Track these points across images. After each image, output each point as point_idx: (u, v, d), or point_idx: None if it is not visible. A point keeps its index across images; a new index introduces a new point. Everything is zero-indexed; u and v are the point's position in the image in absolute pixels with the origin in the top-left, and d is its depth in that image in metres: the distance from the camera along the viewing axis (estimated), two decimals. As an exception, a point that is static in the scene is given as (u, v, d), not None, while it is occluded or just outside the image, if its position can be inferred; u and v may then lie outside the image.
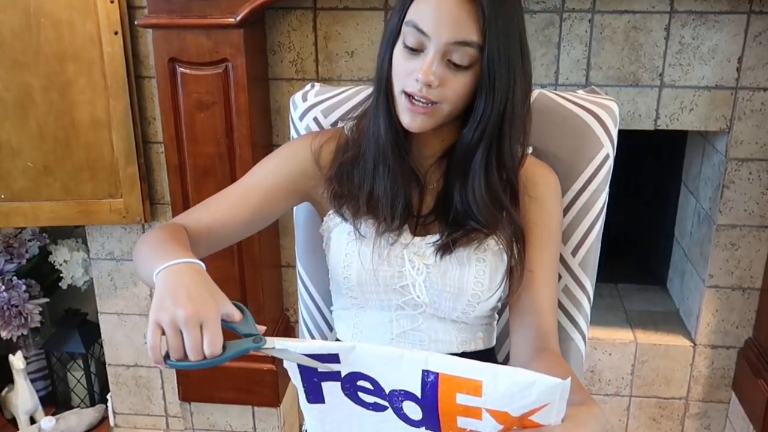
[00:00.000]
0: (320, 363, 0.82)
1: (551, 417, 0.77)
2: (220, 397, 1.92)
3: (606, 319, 2.08)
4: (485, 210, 1.02)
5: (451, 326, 1.10)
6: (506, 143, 1.00)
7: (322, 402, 0.86)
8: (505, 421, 0.78)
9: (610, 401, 2.03)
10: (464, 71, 0.95)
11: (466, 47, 0.93)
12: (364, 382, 0.83)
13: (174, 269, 0.84)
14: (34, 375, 2.28)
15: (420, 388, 0.79)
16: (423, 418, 0.81)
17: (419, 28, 0.94)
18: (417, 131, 1.00)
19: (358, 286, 1.07)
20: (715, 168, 1.85)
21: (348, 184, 1.07)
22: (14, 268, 2.15)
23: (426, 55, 0.94)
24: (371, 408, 0.84)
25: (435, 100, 0.96)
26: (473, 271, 1.04)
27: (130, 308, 2.12)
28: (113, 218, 1.92)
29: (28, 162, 1.86)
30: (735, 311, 1.91)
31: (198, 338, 0.78)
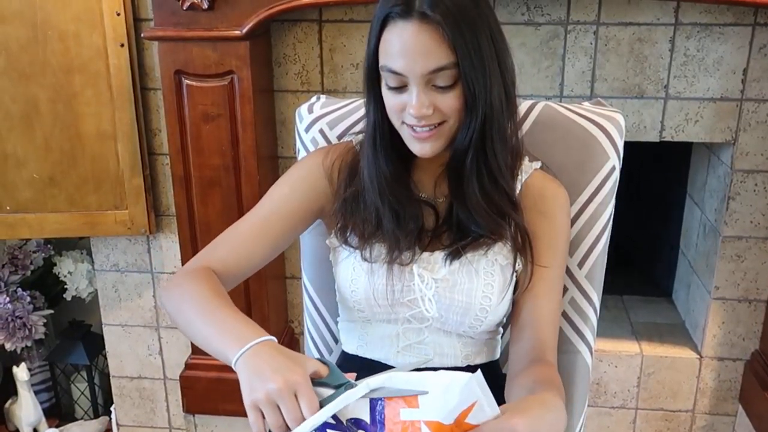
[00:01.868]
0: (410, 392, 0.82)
1: (485, 414, 0.79)
2: (225, 409, 1.91)
3: (611, 331, 2.07)
4: (485, 217, 1.02)
5: (456, 340, 1.09)
6: (490, 146, 0.99)
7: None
8: (442, 429, 0.80)
9: (616, 414, 2.02)
10: (451, 89, 0.95)
11: (443, 71, 0.93)
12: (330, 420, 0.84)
13: (251, 352, 0.85)
14: (38, 387, 2.27)
15: (368, 413, 0.82)
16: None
17: (393, 71, 0.94)
18: (430, 156, 1.01)
19: (365, 300, 1.07)
20: (720, 179, 1.85)
21: (352, 218, 1.07)
22: (19, 279, 2.16)
23: (411, 92, 0.95)
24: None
25: (437, 121, 0.97)
26: (481, 285, 1.04)
27: (134, 320, 2.11)
28: (118, 230, 1.92)
29: (33, 173, 1.86)
30: (741, 323, 1.90)
31: (295, 406, 0.80)
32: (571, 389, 1.23)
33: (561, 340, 1.14)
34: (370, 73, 0.99)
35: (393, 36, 0.93)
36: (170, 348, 2.12)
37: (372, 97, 1.02)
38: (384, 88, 0.99)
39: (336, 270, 1.11)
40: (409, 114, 0.96)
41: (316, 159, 1.12)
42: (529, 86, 1.74)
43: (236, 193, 1.74)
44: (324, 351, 1.33)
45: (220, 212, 1.76)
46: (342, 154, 1.11)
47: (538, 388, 0.94)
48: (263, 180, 1.76)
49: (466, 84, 0.94)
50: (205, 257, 1.05)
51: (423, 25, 0.91)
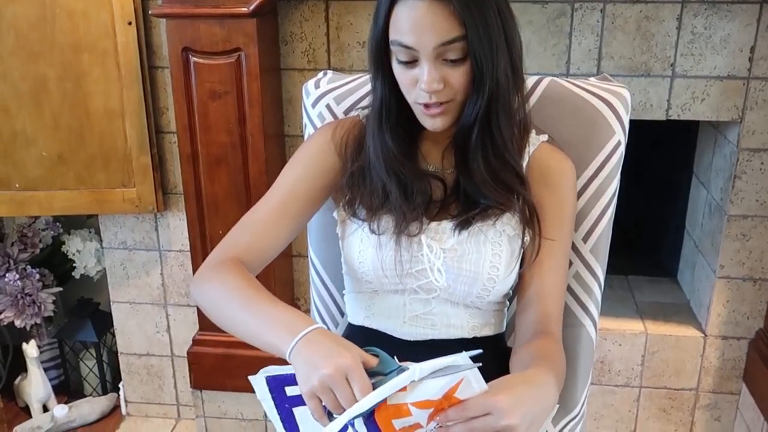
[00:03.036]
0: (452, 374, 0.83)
1: (473, 389, 0.82)
2: (232, 385, 1.93)
3: (616, 310, 2.08)
4: (492, 190, 1.03)
5: (463, 311, 1.11)
6: (495, 122, 1.00)
7: (298, 430, 0.91)
8: (431, 405, 0.82)
9: (620, 392, 2.03)
10: (462, 62, 0.96)
11: (453, 44, 0.94)
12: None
13: (303, 342, 0.87)
14: (47, 364, 2.30)
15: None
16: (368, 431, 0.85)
17: (405, 45, 0.96)
18: (441, 130, 1.02)
19: (373, 271, 1.08)
20: (726, 159, 1.85)
21: (360, 191, 1.08)
22: (28, 257, 2.17)
23: (422, 66, 0.96)
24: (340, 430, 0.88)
25: (446, 99, 0.99)
26: (489, 255, 1.05)
27: (142, 297, 2.13)
28: (126, 207, 1.94)
29: (42, 151, 1.88)
30: (746, 302, 1.91)
31: (348, 390, 0.82)
32: (575, 363, 1.24)
33: (565, 314, 1.15)
34: (378, 48, 1.00)
35: (404, 12, 0.94)
36: (178, 325, 2.14)
37: (380, 72, 1.02)
38: (394, 62, 1.00)
39: (344, 243, 1.12)
40: (421, 89, 0.97)
41: (325, 135, 1.13)
42: (536, 64, 1.74)
43: (243, 171, 1.75)
44: (330, 324, 1.34)
45: (227, 190, 1.77)
46: (349, 128, 1.12)
47: (534, 362, 0.96)
48: (270, 158, 1.77)
49: (474, 58, 0.95)
50: (229, 247, 1.06)
51: (434, 1, 0.92)
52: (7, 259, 2.15)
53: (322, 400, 0.84)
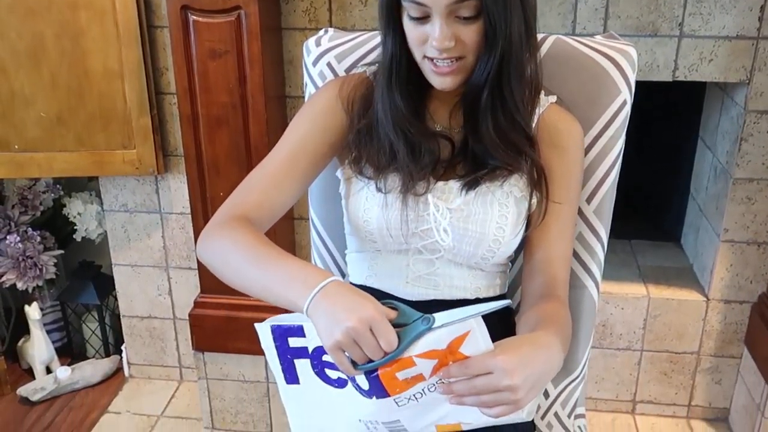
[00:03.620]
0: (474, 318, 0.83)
1: (479, 347, 0.82)
2: (234, 347, 1.93)
3: (619, 274, 2.08)
4: (500, 152, 1.02)
5: (467, 272, 1.10)
6: (506, 83, 0.98)
7: (297, 383, 0.92)
8: (436, 355, 0.83)
9: (621, 355, 2.04)
10: (474, 20, 0.94)
11: (467, 1, 0.92)
12: (327, 356, 0.86)
13: (321, 295, 0.85)
14: (50, 326, 2.31)
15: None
16: (370, 387, 0.85)
17: (417, 1, 0.93)
18: (450, 89, 1.01)
19: (378, 230, 1.07)
20: (733, 121, 1.82)
21: (366, 149, 1.06)
22: (29, 220, 2.17)
23: (433, 23, 0.94)
24: (336, 385, 0.89)
25: (457, 55, 0.96)
26: (495, 216, 1.04)
27: (143, 260, 2.13)
28: (126, 169, 1.93)
29: (41, 112, 1.86)
30: (749, 266, 1.90)
31: (373, 341, 0.82)
32: (577, 324, 1.23)
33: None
34: (389, 3, 0.98)
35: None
36: (179, 288, 2.14)
37: (390, 28, 1.00)
38: (405, 19, 0.98)
39: (348, 201, 1.11)
40: (432, 46, 0.95)
41: (332, 91, 1.10)
42: (541, 23, 1.71)
43: (244, 132, 1.73)
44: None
45: (228, 151, 1.76)
46: (356, 84, 1.10)
47: (540, 325, 0.96)
48: (271, 119, 1.75)
49: (487, 16, 0.93)
50: (236, 205, 1.04)
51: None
52: (8, 221, 2.15)
53: (348, 353, 0.83)
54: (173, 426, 2.09)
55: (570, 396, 1.24)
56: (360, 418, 0.91)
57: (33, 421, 2.09)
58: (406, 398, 0.85)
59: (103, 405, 2.17)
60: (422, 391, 0.85)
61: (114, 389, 2.24)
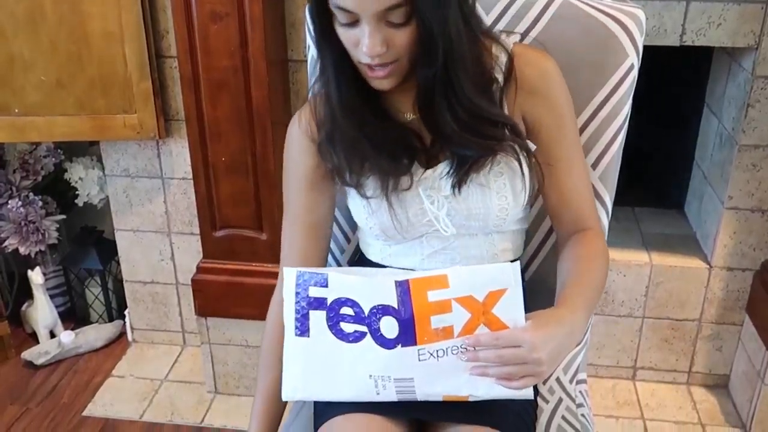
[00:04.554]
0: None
1: (513, 310, 0.87)
2: (236, 312, 1.94)
3: (621, 241, 2.07)
4: (472, 144, 0.99)
5: (482, 239, 1.09)
6: (456, 79, 0.94)
7: (307, 335, 0.93)
8: (472, 307, 0.86)
9: (622, 322, 2.04)
10: (406, 25, 0.90)
11: (397, 9, 0.88)
12: (347, 309, 0.89)
13: None
14: (53, 291, 2.31)
15: (395, 298, 0.87)
16: (399, 333, 0.87)
17: (344, 8, 0.89)
18: (389, 89, 0.98)
19: (382, 232, 1.07)
20: (740, 87, 1.80)
21: (338, 158, 1.04)
22: (30, 184, 2.17)
23: (363, 28, 0.90)
24: (351, 340, 0.90)
25: (390, 60, 0.93)
26: (494, 189, 1.03)
27: (145, 225, 2.13)
28: (127, 134, 1.91)
29: (41, 76, 1.84)
30: (753, 233, 1.89)
31: None
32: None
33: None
34: (319, 9, 0.94)
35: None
36: (182, 253, 2.14)
37: (326, 35, 0.96)
38: (336, 24, 0.93)
39: (349, 206, 1.12)
40: (362, 52, 0.92)
41: (293, 132, 1.09)
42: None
43: (245, 96, 1.72)
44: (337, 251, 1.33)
45: (229, 115, 1.74)
46: (310, 112, 1.07)
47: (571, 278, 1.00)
48: (273, 83, 1.73)
49: (421, 21, 0.89)
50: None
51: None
52: (9, 186, 2.14)
53: None
54: (176, 390, 2.11)
55: (572, 362, 1.24)
56: (371, 374, 0.91)
57: (38, 385, 2.11)
58: (428, 352, 0.87)
59: (106, 369, 2.18)
60: (445, 349, 0.87)
61: (117, 354, 2.25)
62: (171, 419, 2.00)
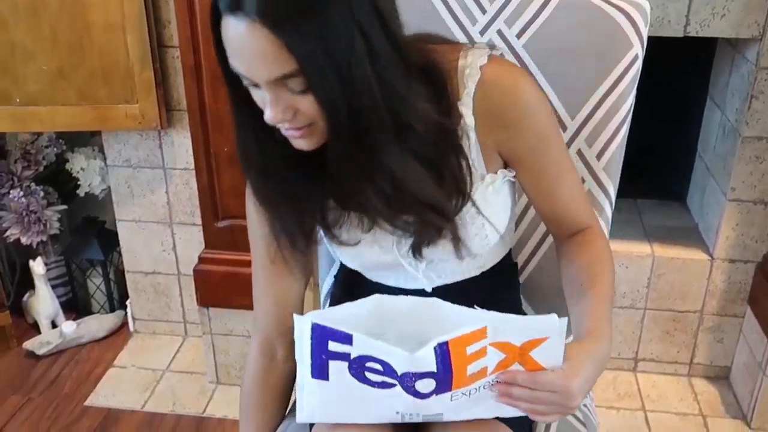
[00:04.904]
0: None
1: (552, 357, 0.80)
2: (238, 302, 1.94)
3: (624, 233, 2.07)
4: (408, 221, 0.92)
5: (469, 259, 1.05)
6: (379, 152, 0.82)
7: (326, 379, 0.84)
8: (508, 350, 0.80)
9: (624, 314, 2.04)
10: (307, 92, 0.79)
11: (290, 78, 0.77)
12: (374, 364, 0.81)
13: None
14: (55, 281, 2.31)
15: (435, 364, 0.79)
16: (435, 388, 0.81)
17: (239, 73, 0.79)
18: (310, 149, 0.87)
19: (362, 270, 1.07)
20: (743, 78, 1.80)
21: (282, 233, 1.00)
22: (32, 175, 2.16)
23: (264, 95, 0.80)
24: (378, 386, 0.83)
25: (302, 124, 0.83)
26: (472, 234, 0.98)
27: (147, 216, 2.13)
28: (129, 124, 1.91)
29: (42, 65, 1.83)
30: (755, 225, 1.89)
31: None
32: (584, 281, 1.23)
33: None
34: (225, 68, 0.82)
35: (227, 34, 0.77)
36: (183, 244, 2.14)
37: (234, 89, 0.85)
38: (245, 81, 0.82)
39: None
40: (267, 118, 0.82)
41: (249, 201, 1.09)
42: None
43: (248, 86, 1.71)
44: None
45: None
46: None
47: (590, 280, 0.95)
48: (275, 73, 1.73)
49: (316, 93, 0.77)
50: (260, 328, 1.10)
51: (255, 25, 0.73)
52: (11, 176, 2.14)
53: None
54: (178, 380, 2.11)
55: (575, 353, 1.24)
56: (398, 410, 0.86)
57: (40, 375, 2.11)
58: (461, 393, 0.82)
59: (108, 359, 2.19)
60: (478, 388, 0.82)
61: (119, 344, 2.25)
62: (173, 409, 2.00)
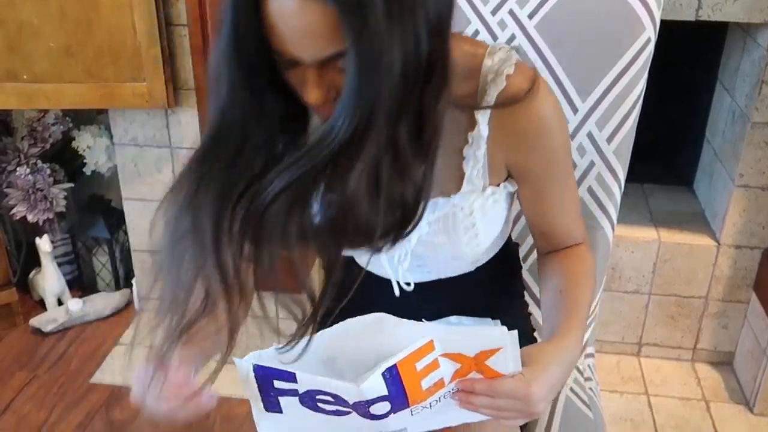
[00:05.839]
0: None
1: (508, 365, 0.78)
2: (244, 282, 1.94)
3: (630, 218, 2.07)
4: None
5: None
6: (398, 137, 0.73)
7: (280, 412, 0.83)
8: (461, 361, 0.78)
9: (629, 298, 2.05)
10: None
11: (340, 58, 0.70)
12: (325, 396, 0.80)
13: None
14: (61, 259, 2.32)
15: (386, 388, 0.78)
16: (391, 408, 0.80)
17: (278, 50, 0.72)
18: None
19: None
20: (754, 63, 1.79)
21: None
22: (38, 152, 2.16)
23: (305, 72, 0.74)
24: (332, 414, 0.82)
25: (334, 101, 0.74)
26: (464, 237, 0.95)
27: (154, 194, 2.12)
28: (136, 102, 1.90)
29: (49, 42, 1.83)
30: (763, 211, 1.89)
31: None
32: (591, 266, 1.23)
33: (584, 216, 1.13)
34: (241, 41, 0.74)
35: (272, 10, 0.70)
36: (190, 223, 2.14)
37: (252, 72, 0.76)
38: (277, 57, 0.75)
39: None
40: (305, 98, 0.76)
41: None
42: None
43: (256, 65, 1.70)
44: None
45: (239, 85, 1.73)
46: None
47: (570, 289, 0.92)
48: (283, 53, 1.72)
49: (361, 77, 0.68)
50: None
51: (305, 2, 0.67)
52: (18, 153, 2.14)
53: None
54: (184, 359, 2.12)
55: (581, 336, 1.25)
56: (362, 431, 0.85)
57: (46, 351, 2.13)
58: (421, 407, 0.81)
59: (114, 337, 2.20)
60: (438, 398, 0.81)
61: (126, 322, 2.26)
62: (178, 387, 2.01)
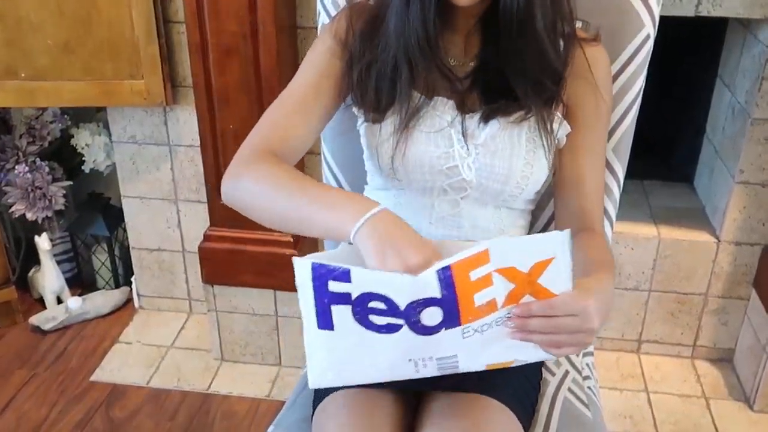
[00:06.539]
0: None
1: (560, 279, 0.79)
2: (243, 280, 1.94)
3: (630, 214, 2.06)
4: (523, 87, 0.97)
5: (492, 212, 1.07)
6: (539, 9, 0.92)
7: (331, 328, 0.82)
8: (515, 278, 0.79)
9: (628, 295, 2.04)
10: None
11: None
12: (377, 303, 0.80)
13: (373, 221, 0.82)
14: (60, 257, 2.32)
15: (438, 290, 0.78)
16: (443, 319, 0.80)
17: None
18: (468, 5, 0.93)
19: (402, 167, 1.02)
20: (755, 59, 1.78)
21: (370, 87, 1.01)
22: (37, 150, 2.16)
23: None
24: (383, 330, 0.82)
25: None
26: (523, 152, 1.01)
27: (152, 192, 2.12)
28: (134, 100, 1.90)
29: (48, 39, 1.82)
30: (763, 208, 1.88)
31: None
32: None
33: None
34: None
35: None
36: (188, 221, 2.14)
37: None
38: None
39: (367, 140, 1.07)
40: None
41: (330, 32, 1.04)
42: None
43: (254, 62, 1.70)
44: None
45: (238, 82, 1.72)
46: (356, 15, 1.04)
47: (594, 268, 0.93)
48: (282, 50, 1.71)
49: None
50: (261, 140, 0.98)
51: None
52: (16, 151, 2.14)
53: None
54: (183, 357, 2.12)
55: (580, 333, 1.24)
56: (410, 357, 0.84)
57: (46, 349, 2.12)
58: (473, 329, 0.81)
59: (114, 335, 2.20)
60: (490, 323, 0.81)
61: (124, 320, 2.26)
62: (178, 385, 2.01)
